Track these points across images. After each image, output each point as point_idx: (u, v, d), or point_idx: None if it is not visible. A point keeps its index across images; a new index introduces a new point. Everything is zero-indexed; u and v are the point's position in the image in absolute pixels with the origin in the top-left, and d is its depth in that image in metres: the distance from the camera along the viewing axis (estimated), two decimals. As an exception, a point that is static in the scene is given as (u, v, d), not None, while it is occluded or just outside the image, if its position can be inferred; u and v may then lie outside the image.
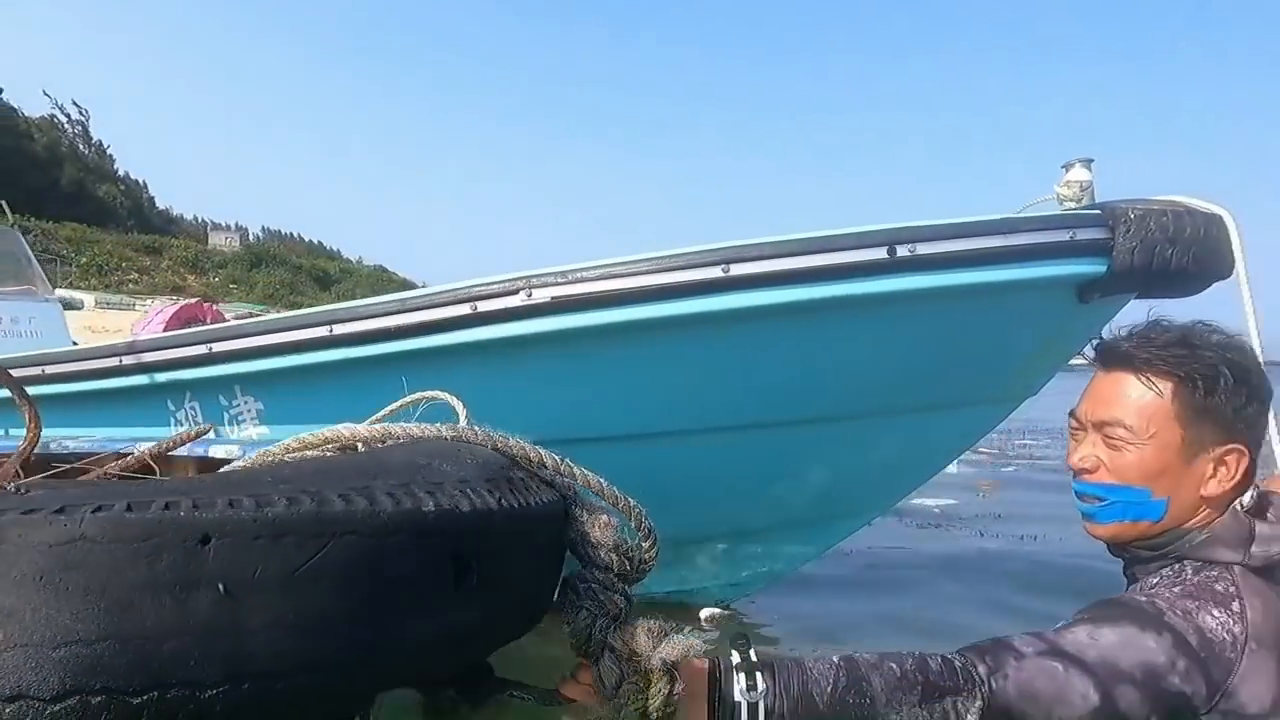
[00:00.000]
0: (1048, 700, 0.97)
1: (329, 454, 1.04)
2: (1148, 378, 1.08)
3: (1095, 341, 1.18)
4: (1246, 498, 1.10)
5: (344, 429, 1.04)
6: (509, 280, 2.16)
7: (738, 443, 2.36)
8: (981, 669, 0.99)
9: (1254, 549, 1.05)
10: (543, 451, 1.06)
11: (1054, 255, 2.29)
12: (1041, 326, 2.50)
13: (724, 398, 2.29)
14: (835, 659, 1.00)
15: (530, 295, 2.12)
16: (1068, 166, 2.77)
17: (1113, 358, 1.13)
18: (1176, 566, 1.09)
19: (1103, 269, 2.33)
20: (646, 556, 1.06)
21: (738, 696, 0.95)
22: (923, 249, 2.15)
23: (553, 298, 2.12)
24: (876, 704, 0.95)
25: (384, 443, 1.04)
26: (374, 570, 0.74)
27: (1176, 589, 1.05)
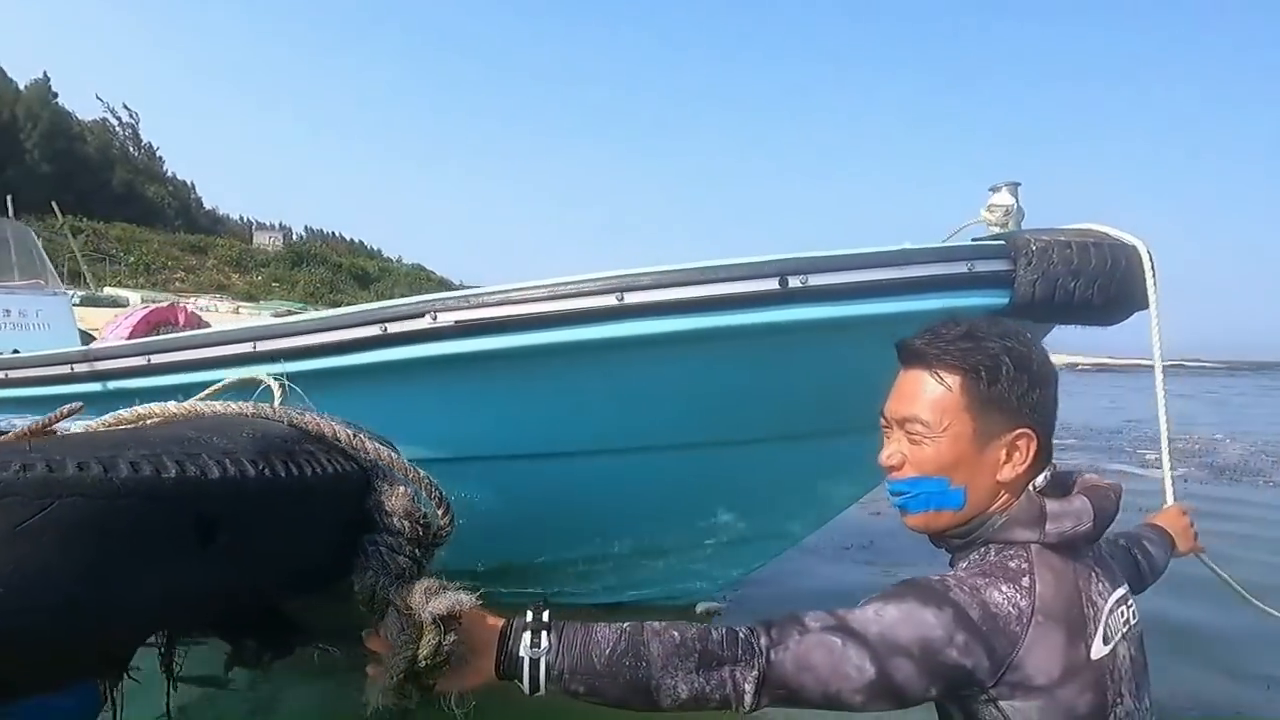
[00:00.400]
0: (824, 672, 1.01)
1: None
2: (938, 373, 1.13)
3: (895, 341, 1.21)
4: (1040, 479, 1.16)
5: (157, 407, 1.14)
6: (416, 303, 2.26)
7: (632, 464, 2.44)
8: (763, 640, 1.03)
9: (1048, 527, 1.11)
10: (338, 427, 1.14)
11: (952, 287, 2.31)
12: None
13: (619, 421, 2.37)
14: (625, 625, 1.06)
15: (435, 319, 2.22)
16: (994, 190, 2.73)
17: (908, 355, 1.18)
18: (982, 550, 1.14)
19: (1004, 301, 2.34)
20: (441, 524, 1.16)
21: (522, 652, 1.02)
22: (815, 280, 2.19)
23: (456, 321, 2.21)
24: (652, 668, 1.01)
25: (196, 419, 1.14)
26: (101, 530, 0.85)
27: (974, 569, 1.11)
